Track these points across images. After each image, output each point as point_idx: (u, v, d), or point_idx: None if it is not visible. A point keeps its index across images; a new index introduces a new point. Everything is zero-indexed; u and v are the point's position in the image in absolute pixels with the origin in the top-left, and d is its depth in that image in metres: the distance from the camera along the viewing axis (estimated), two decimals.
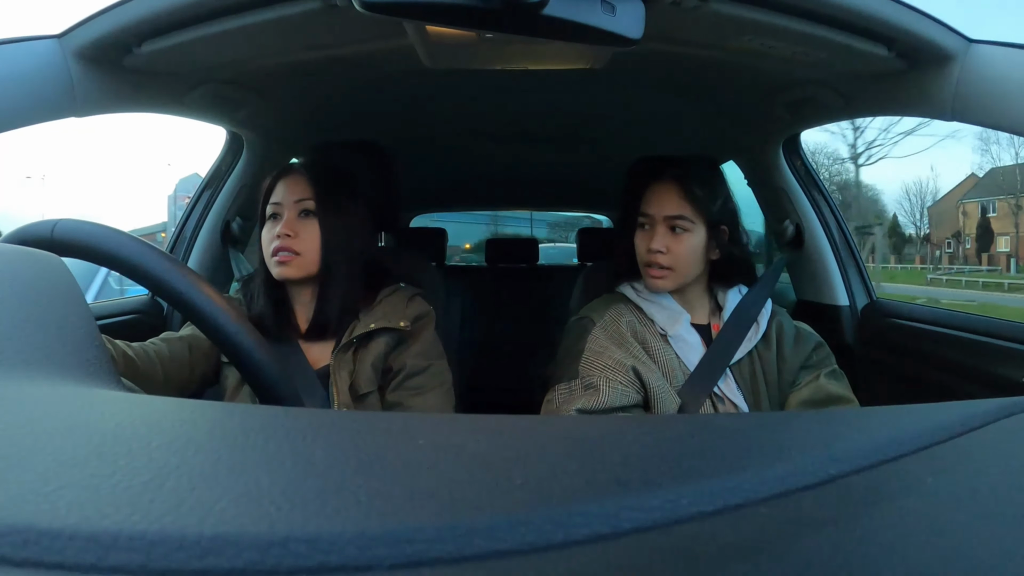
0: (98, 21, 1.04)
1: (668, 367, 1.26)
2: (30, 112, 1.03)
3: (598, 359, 1.24)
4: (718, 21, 1.05)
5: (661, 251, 1.26)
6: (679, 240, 1.27)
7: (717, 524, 0.24)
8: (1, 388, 0.33)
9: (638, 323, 1.31)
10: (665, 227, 1.27)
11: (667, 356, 1.28)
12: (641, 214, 1.30)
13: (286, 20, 1.04)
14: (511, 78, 1.49)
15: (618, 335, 1.28)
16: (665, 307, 1.32)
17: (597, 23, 0.79)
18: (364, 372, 1.23)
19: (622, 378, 1.21)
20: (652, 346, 1.28)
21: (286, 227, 1.23)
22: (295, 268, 1.24)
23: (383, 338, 1.26)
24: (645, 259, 1.29)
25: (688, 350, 1.30)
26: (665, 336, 1.30)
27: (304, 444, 0.28)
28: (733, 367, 1.30)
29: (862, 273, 1.84)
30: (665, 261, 1.26)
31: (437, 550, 0.21)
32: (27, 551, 0.20)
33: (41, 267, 0.46)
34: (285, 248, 1.22)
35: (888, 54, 1.09)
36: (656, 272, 1.27)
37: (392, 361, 1.27)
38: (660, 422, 0.39)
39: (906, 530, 0.24)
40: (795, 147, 1.82)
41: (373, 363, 1.24)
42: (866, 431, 0.34)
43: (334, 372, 1.22)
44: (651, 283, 1.29)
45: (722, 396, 1.27)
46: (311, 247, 1.24)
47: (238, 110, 1.54)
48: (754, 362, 1.31)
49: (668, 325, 1.30)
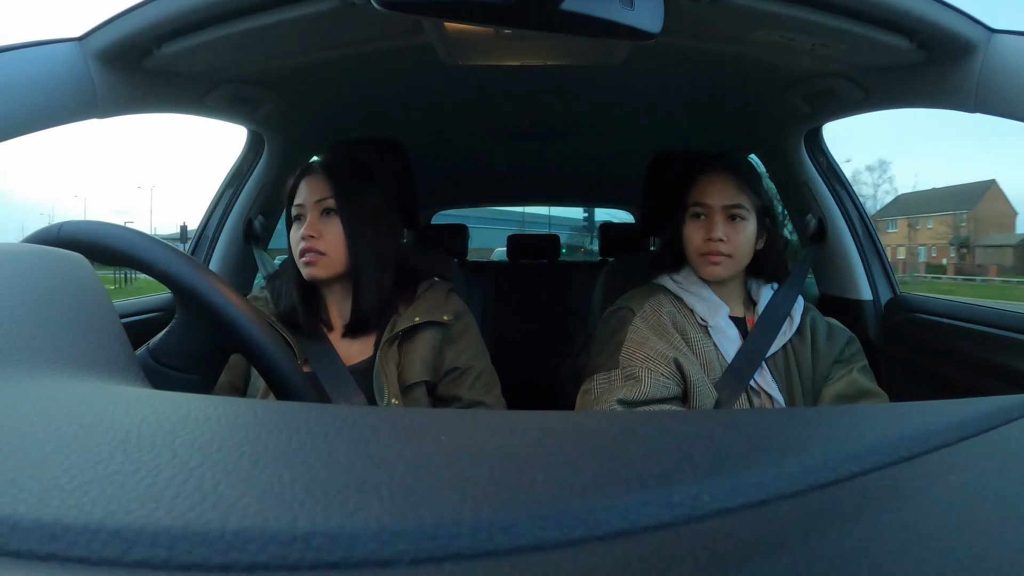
0: (117, 24, 1.05)
1: (707, 358, 1.27)
2: (53, 114, 1.04)
3: (640, 349, 1.24)
4: (736, 14, 1.04)
5: (722, 239, 1.27)
6: (738, 228, 1.29)
7: (738, 521, 0.24)
8: (28, 385, 0.33)
9: (678, 313, 1.32)
10: (723, 216, 1.29)
11: (706, 348, 1.28)
12: (695, 204, 1.31)
13: (304, 19, 1.04)
14: (529, 73, 1.49)
15: (659, 325, 1.28)
16: (705, 298, 1.33)
17: (615, 18, 0.78)
18: (411, 365, 1.24)
19: (663, 370, 1.21)
20: (692, 337, 1.29)
21: (309, 228, 1.23)
22: (322, 268, 1.24)
23: (428, 332, 1.27)
24: (702, 248, 1.30)
25: (727, 342, 1.30)
26: (705, 327, 1.31)
27: (326, 440, 0.28)
28: (768, 360, 1.30)
29: (885, 267, 1.82)
30: (725, 249, 1.28)
31: (458, 545, 0.21)
32: (53, 546, 0.20)
33: (66, 267, 0.46)
34: (310, 249, 1.23)
35: (909, 45, 1.07)
36: (716, 259, 1.28)
37: (445, 357, 1.28)
38: (681, 418, 0.38)
39: (929, 528, 0.24)
40: (816, 140, 1.80)
41: (421, 357, 1.25)
42: (889, 427, 0.33)
43: (382, 365, 1.22)
44: (709, 271, 1.30)
45: (758, 389, 1.28)
46: (335, 246, 1.24)
47: (258, 109, 1.55)
48: (788, 356, 1.32)
49: (709, 316, 1.31)
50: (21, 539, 0.20)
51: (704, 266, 1.30)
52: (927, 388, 1.57)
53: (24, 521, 0.21)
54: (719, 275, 1.30)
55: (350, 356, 1.27)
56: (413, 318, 1.26)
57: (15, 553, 0.20)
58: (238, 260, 1.83)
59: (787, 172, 1.86)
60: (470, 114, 1.99)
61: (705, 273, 1.31)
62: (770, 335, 1.32)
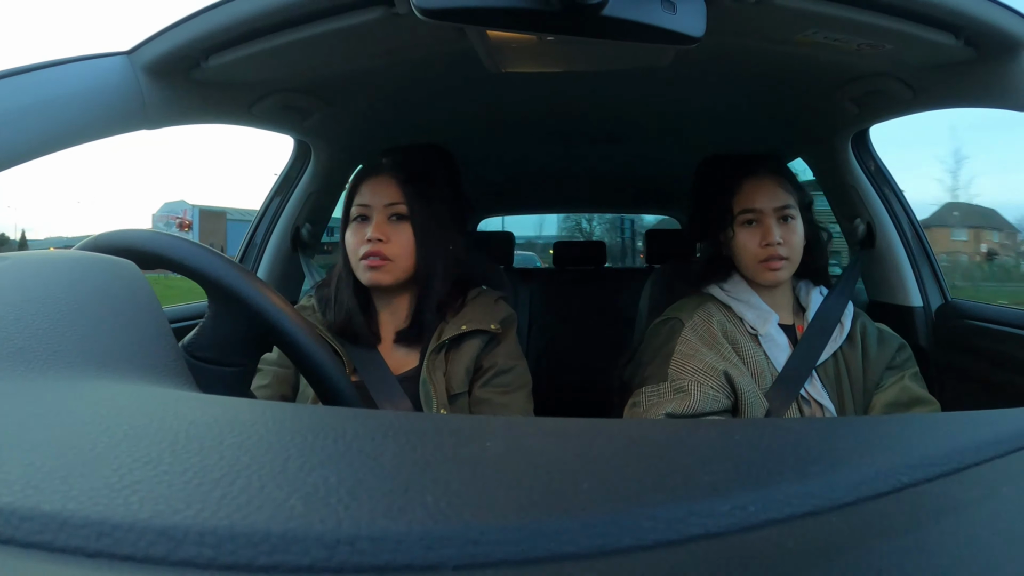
0: (165, 37, 1.08)
1: (757, 368, 1.26)
2: (104, 126, 1.07)
3: (689, 362, 1.23)
4: (780, 15, 1.03)
5: (780, 242, 1.26)
6: (791, 229, 1.29)
7: (785, 532, 0.23)
8: (80, 387, 0.34)
9: (728, 322, 1.30)
10: (775, 219, 1.28)
11: (756, 356, 1.27)
12: (745, 211, 1.30)
13: (349, 29, 1.05)
14: (573, 78, 1.49)
15: (709, 335, 1.27)
16: (754, 306, 1.32)
17: (658, 22, 0.78)
18: (457, 374, 1.22)
19: (713, 383, 1.20)
20: (742, 346, 1.28)
21: (377, 231, 1.21)
22: (386, 274, 1.22)
23: (475, 340, 1.25)
24: (760, 255, 1.28)
25: (777, 350, 1.29)
26: (755, 336, 1.30)
27: (373, 444, 0.28)
28: (818, 368, 1.29)
29: (936, 273, 1.77)
30: (784, 252, 1.27)
31: (503, 552, 0.21)
32: (100, 543, 0.21)
33: (118, 273, 0.47)
34: (376, 253, 1.20)
35: (956, 43, 1.05)
36: (775, 264, 1.27)
37: (482, 360, 1.26)
38: (729, 427, 0.38)
39: (979, 541, 0.23)
40: (864, 142, 1.76)
41: (466, 366, 1.23)
42: (939, 437, 0.33)
43: (429, 374, 1.20)
44: (769, 276, 1.29)
45: (808, 398, 1.26)
46: (403, 252, 1.22)
47: (305, 119, 1.57)
48: (839, 363, 1.30)
49: (759, 324, 1.30)
50: (70, 536, 0.21)
51: (764, 273, 1.29)
52: (979, 396, 1.53)
53: (73, 518, 0.21)
54: (780, 279, 1.29)
55: (396, 365, 1.25)
56: (460, 326, 1.24)
57: (63, 549, 0.21)
58: (285, 268, 1.86)
59: (834, 176, 1.82)
60: (515, 121, 1.99)
61: (765, 279, 1.30)
62: (821, 342, 1.29)
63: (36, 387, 0.33)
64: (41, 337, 0.37)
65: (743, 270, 1.33)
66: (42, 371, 0.35)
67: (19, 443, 0.27)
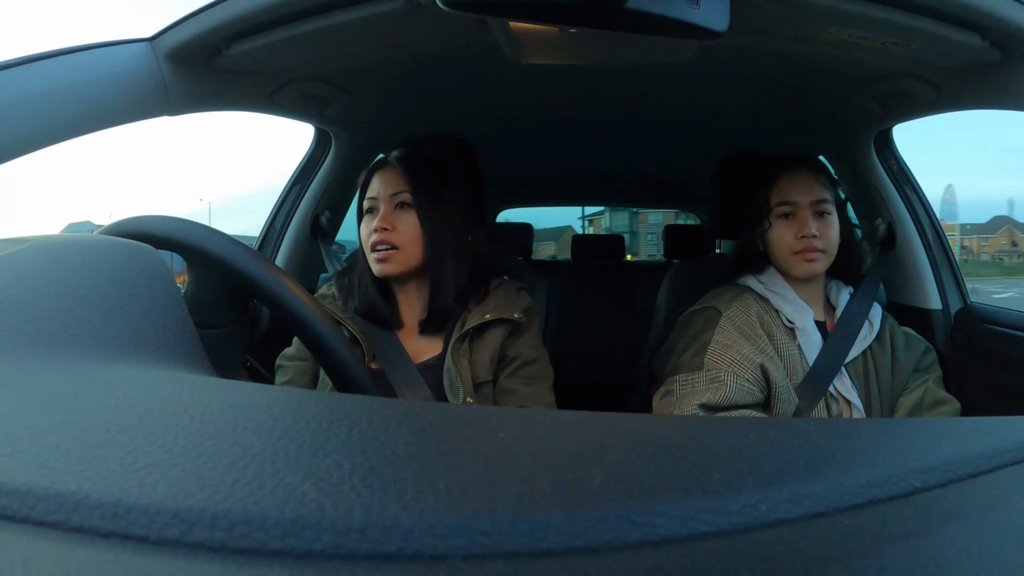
0: (187, 25, 1.08)
1: (791, 362, 1.26)
2: (126, 112, 1.08)
3: (726, 352, 1.23)
4: (804, 12, 1.02)
5: (816, 235, 1.28)
6: (827, 223, 1.30)
7: (796, 532, 0.23)
8: (97, 370, 0.35)
9: (765, 314, 1.31)
10: (812, 212, 1.29)
11: (790, 350, 1.28)
12: (782, 203, 1.31)
13: (371, 19, 1.06)
14: (596, 72, 1.48)
15: (748, 326, 1.28)
16: (791, 300, 1.33)
17: (681, 16, 0.78)
18: (481, 362, 1.24)
19: (749, 375, 1.21)
20: (778, 339, 1.28)
21: (383, 220, 1.22)
22: (395, 264, 1.23)
23: (499, 329, 1.26)
24: (796, 246, 1.30)
25: (811, 346, 1.30)
26: (791, 330, 1.30)
27: (386, 433, 0.28)
28: (848, 366, 1.29)
29: (956, 276, 1.75)
30: (820, 245, 1.28)
31: (513, 543, 0.21)
32: (114, 524, 0.21)
33: (137, 257, 0.47)
34: (383, 242, 1.22)
35: (981, 43, 1.04)
36: (812, 255, 1.28)
37: (507, 349, 1.27)
38: (743, 425, 0.38)
39: (989, 549, 0.23)
40: (887, 142, 1.75)
41: (490, 354, 1.25)
42: (955, 443, 0.32)
43: (455, 362, 1.22)
44: (805, 268, 1.30)
45: (837, 396, 1.27)
46: (409, 240, 1.23)
47: (326, 107, 1.57)
48: (867, 362, 1.31)
49: (796, 318, 1.31)
50: (84, 516, 0.21)
51: (799, 264, 1.29)
52: (997, 401, 1.51)
53: (88, 499, 0.22)
54: (816, 271, 1.30)
55: (417, 353, 1.27)
56: (483, 315, 1.25)
57: (78, 529, 0.21)
58: (304, 256, 1.87)
59: (856, 175, 1.81)
60: (536, 113, 1.99)
61: (801, 271, 1.30)
62: (849, 339, 1.30)
63: (54, 369, 0.34)
64: (60, 320, 0.37)
65: (778, 262, 1.34)
66: (60, 353, 0.35)
67: (36, 424, 0.27)
